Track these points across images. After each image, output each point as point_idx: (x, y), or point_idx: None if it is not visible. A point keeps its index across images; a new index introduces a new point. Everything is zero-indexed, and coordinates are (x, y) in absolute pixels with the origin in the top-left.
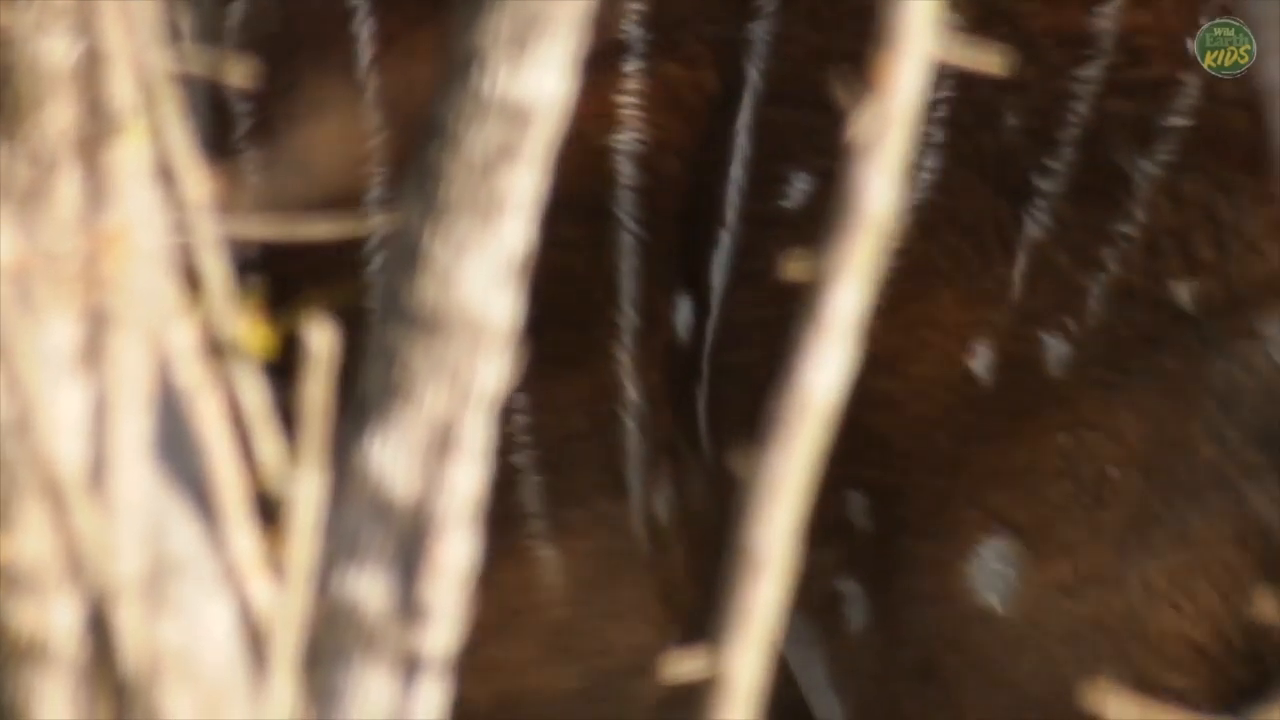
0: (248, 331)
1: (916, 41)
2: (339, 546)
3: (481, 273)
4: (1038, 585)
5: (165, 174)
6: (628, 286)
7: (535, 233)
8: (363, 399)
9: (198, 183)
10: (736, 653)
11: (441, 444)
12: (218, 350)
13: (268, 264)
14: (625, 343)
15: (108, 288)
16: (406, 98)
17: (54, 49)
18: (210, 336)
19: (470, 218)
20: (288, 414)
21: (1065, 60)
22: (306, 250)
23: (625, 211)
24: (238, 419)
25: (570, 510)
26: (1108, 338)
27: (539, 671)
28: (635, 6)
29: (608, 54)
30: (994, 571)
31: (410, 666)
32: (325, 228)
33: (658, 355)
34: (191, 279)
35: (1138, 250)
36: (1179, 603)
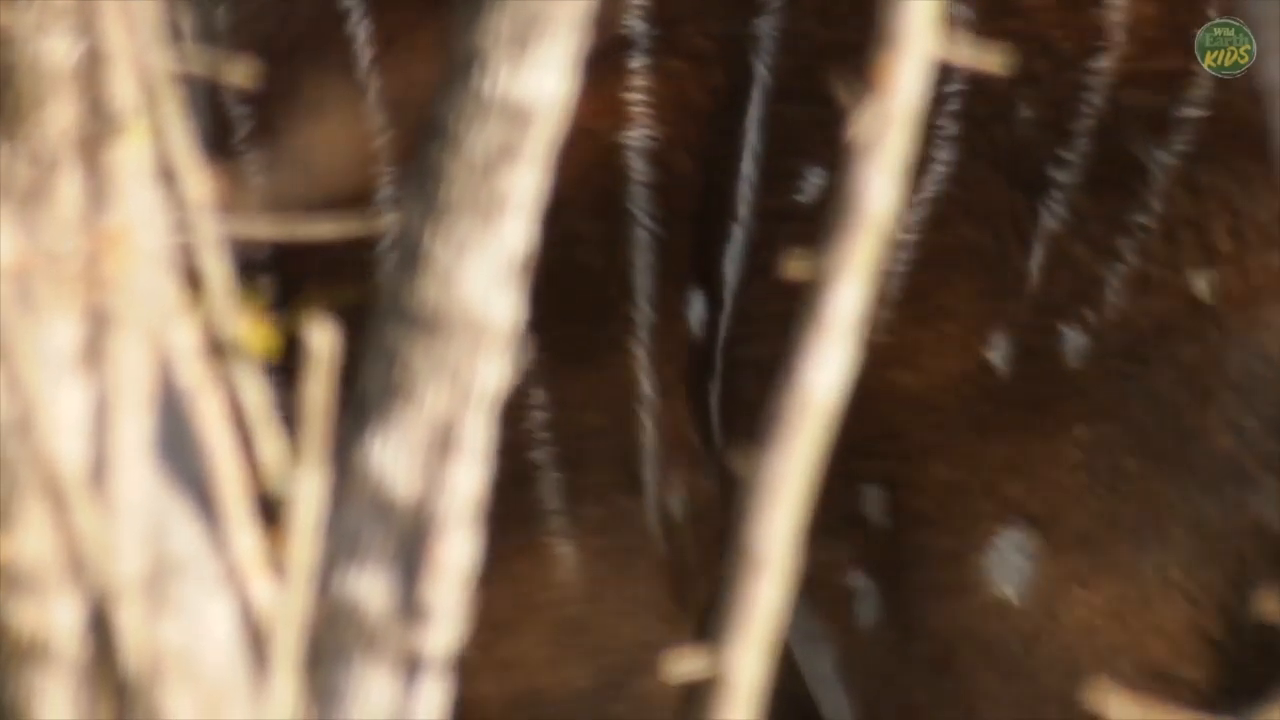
0: (249, 331)
1: (917, 41)
2: (340, 546)
3: (482, 273)
4: (1054, 577)
5: (166, 174)
6: (642, 282)
7: (539, 232)
8: (363, 399)
9: (199, 183)
10: (737, 652)
11: (442, 444)
12: (219, 350)
13: (278, 265)
14: (641, 338)
15: (109, 288)
16: (410, 97)
17: (55, 49)
18: (211, 337)
19: (471, 218)
20: (289, 414)
21: (1078, 52)
22: (318, 250)
23: (639, 207)
24: (239, 419)
25: (588, 507)
26: (1125, 329)
27: (553, 669)
28: (638, 1)
29: (612, 50)
30: (1010, 563)
31: (411, 666)
32: (329, 228)
33: (673, 350)
34: (193, 279)
35: (1155, 241)
36: (1194, 594)
